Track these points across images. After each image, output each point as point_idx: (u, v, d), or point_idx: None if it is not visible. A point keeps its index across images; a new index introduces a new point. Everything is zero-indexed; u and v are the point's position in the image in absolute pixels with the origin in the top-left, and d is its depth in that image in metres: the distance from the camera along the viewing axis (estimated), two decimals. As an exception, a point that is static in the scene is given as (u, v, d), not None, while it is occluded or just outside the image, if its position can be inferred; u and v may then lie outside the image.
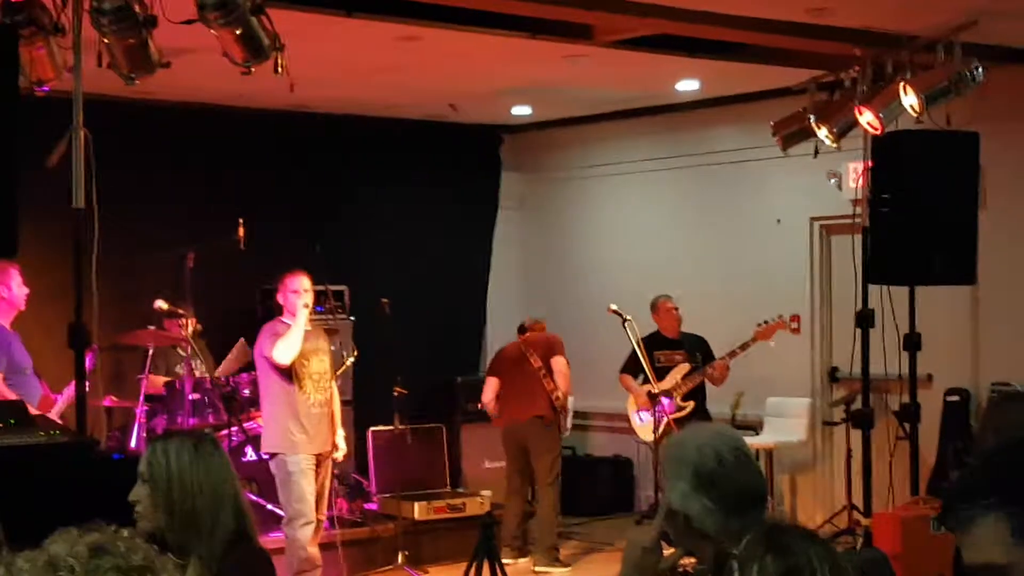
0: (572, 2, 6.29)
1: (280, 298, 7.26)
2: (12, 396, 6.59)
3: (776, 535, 1.94)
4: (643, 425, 8.57)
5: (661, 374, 8.55)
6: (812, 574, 1.83)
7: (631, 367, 8.62)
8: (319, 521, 7.16)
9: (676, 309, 8.73)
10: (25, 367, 6.82)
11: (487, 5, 6.36)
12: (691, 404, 8.47)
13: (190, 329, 7.81)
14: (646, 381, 8.46)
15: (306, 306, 7.11)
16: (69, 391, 7.05)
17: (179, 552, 3.00)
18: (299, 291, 7.14)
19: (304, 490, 7.02)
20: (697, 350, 8.57)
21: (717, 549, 2.41)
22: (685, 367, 8.54)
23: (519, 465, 8.33)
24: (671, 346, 8.67)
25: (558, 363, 8.27)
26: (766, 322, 8.43)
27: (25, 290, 6.94)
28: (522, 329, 8.62)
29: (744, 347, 8.42)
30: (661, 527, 2.61)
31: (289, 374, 7.09)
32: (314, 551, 7.07)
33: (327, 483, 7.28)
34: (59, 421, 6.52)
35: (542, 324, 8.65)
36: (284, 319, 7.20)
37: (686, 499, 2.53)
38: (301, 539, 7.00)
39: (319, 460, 7.16)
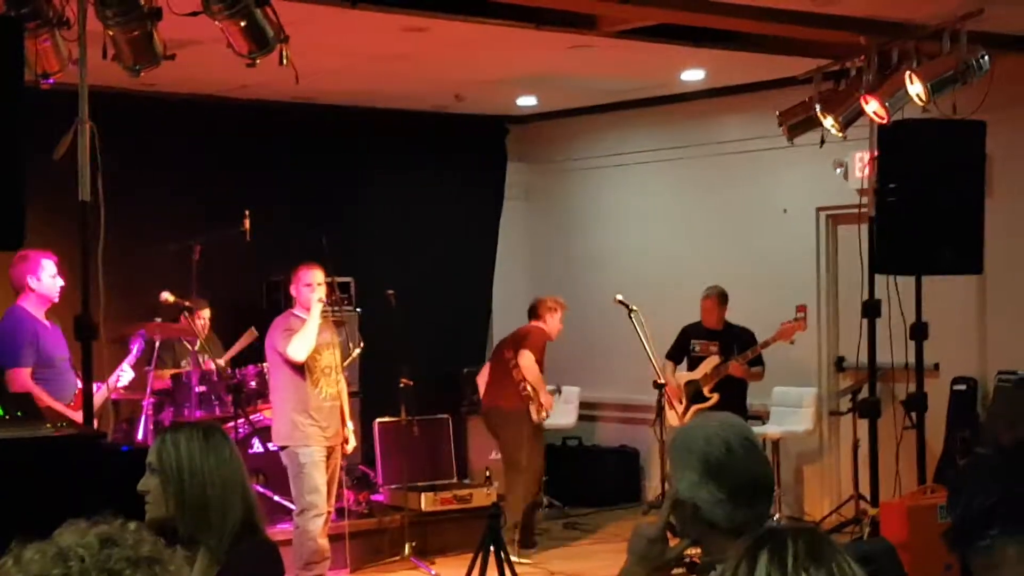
0: (577, -8, 6.29)
1: (293, 290, 7.21)
2: (42, 392, 6.47)
3: (763, 532, 1.93)
4: (671, 412, 8.59)
5: (695, 364, 8.63)
6: (782, 545, 1.82)
7: (672, 354, 8.75)
8: (327, 513, 7.17)
9: (710, 300, 8.66)
10: (55, 359, 6.66)
11: (492, -5, 6.35)
12: (715, 396, 8.45)
13: (202, 322, 7.82)
14: (691, 369, 8.62)
15: (321, 300, 7.08)
16: (111, 381, 7.00)
17: (188, 542, 3.01)
18: (313, 284, 7.10)
19: (316, 482, 7.02)
20: (735, 343, 8.53)
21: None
22: (716, 359, 8.54)
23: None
24: (709, 337, 8.67)
25: (522, 357, 8.33)
26: (794, 320, 8.40)
27: (59, 282, 6.64)
28: (532, 311, 8.63)
29: (764, 345, 8.41)
30: (667, 517, 2.60)
31: (301, 368, 7.07)
32: (324, 543, 7.08)
33: (336, 475, 7.28)
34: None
35: (550, 304, 8.60)
36: (296, 312, 7.18)
37: (694, 488, 2.53)
38: (312, 531, 7.00)
39: (329, 452, 7.16)
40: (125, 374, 7.25)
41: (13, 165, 4.54)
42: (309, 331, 7.01)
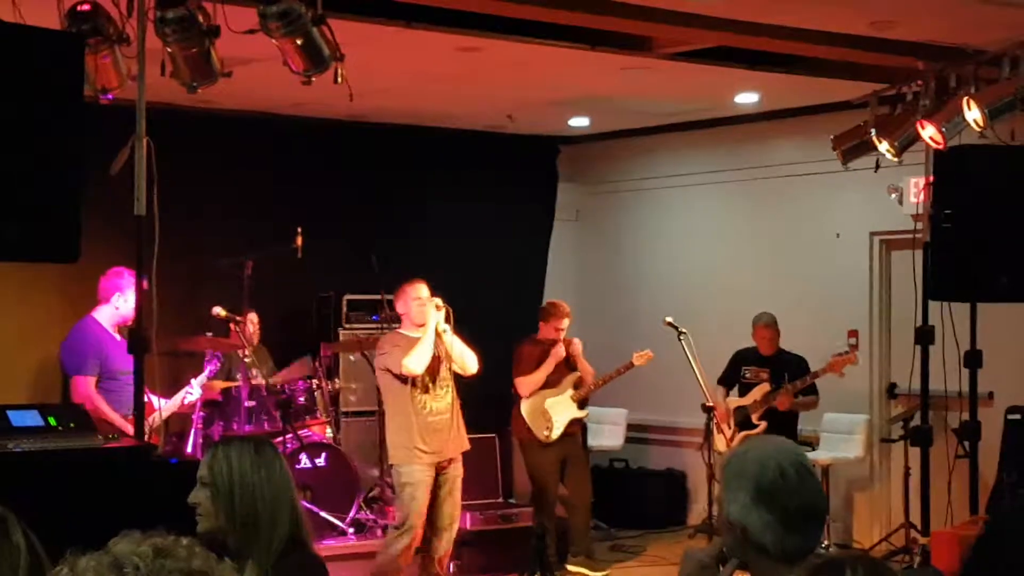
0: (631, 14, 6.28)
1: (401, 307, 7.32)
2: (102, 402, 6.62)
3: (821, 562, 1.91)
4: (719, 436, 8.54)
5: (745, 389, 8.58)
6: (839, 574, 1.79)
7: (724, 379, 8.70)
8: (452, 526, 7.24)
9: (766, 328, 8.62)
10: (118, 372, 6.74)
11: (546, 16, 6.36)
12: (763, 424, 8.37)
13: (252, 327, 7.88)
14: (742, 394, 8.58)
15: (439, 307, 7.15)
16: (179, 397, 7.09)
17: (237, 555, 3.02)
18: (422, 298, 7.20)
19: (416, 501, 7.06)
20: (787, 370, 8.46)
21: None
22: (766, 386, 8.47)
23: None
24: (760, 363, 8.61)
25: (517, 387, 8.65)
26: (845, 352, 8.33)
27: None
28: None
29: (814, 376, 8.34)
30: (722, 545, 2.58)
31: (405, 385, 7.13)
32: (402, 562, 7.13)
33: (455, 489, 7.27)
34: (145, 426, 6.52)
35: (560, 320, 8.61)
36: (403, 330, 7.28)
37: (745, 511, 2.50)
38: (396, 546, 7.09)
39: (439, 469, 7.18)
40: (194, 391, 7.31)
41: (71, 179, 4.60)
42: (425, 344, 7.08)
